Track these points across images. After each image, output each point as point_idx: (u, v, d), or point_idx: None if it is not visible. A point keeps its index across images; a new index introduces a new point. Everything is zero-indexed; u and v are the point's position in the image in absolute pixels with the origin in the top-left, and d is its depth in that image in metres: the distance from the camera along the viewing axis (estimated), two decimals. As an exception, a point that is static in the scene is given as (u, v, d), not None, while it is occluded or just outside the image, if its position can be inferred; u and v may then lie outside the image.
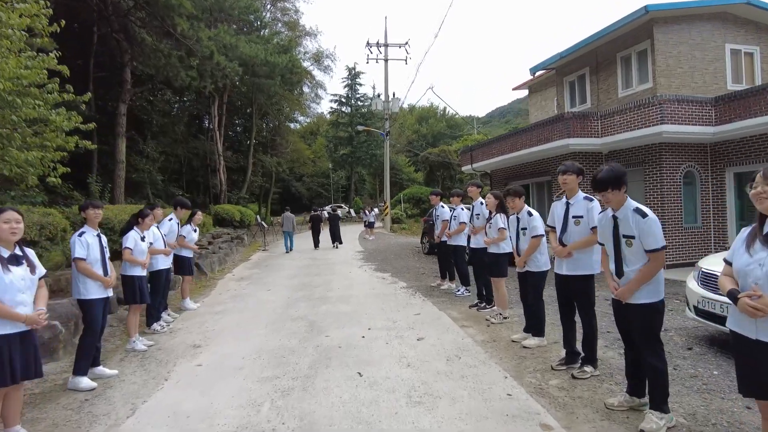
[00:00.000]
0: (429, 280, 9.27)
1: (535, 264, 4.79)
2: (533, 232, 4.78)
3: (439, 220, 8.29)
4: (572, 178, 4.10)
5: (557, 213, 4.24)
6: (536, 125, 12.30)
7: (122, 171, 14.05)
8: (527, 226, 4.85)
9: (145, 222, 5.83)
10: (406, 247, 16.94)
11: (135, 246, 5.42)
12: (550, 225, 4.36)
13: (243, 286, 9.76)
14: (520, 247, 4.95)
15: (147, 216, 5.89)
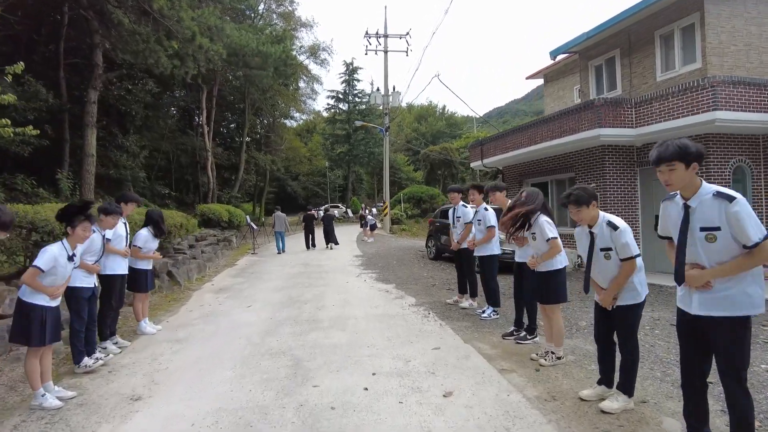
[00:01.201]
0: (442, 295, 7.75)
1: (631, 294, 3.26)
2: (624, 254, 3.24)
3: (460, 223, 6.76)
4: None
5: (672, 218, 2.69)
6: (560, 114, 10.81)
7: (91, 166, 12.46)
8: (612, 245, 3.29)
9: (107, 220, 4.82)
10: (408, 251, 15.42)
11: None
12: (663, 234, 2.84)
13: (220, 300, 8.21)
14: (599, 272, 3.38)
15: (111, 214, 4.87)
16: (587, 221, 3.34)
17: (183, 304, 8.04)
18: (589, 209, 3.29)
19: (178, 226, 11.25)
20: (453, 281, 9.13)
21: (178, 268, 10.29)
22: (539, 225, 4.21)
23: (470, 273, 6.72)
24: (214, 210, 18.96)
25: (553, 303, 4.22)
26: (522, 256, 5.05)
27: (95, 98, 12.59)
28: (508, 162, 13.62)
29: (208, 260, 13.12)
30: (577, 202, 3.28)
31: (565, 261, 4.34)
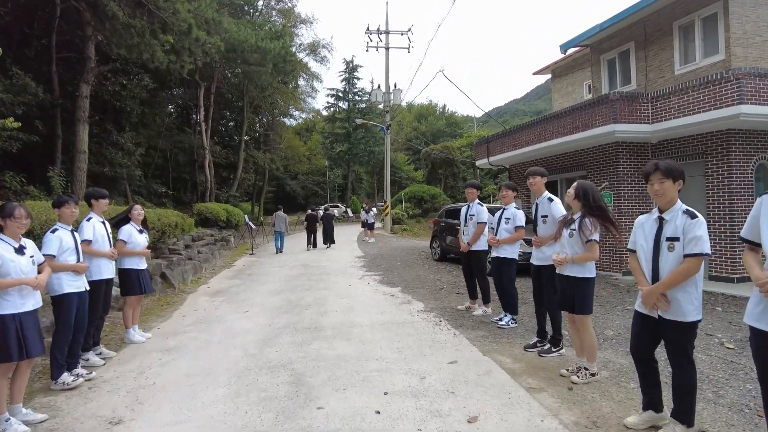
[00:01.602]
0: (452, 300, 7.28)
1: (690, 308, 2.78)
2: (693, 248, 2.71)
3: (473, 222, 6.28)
4: None
5: None
6: (572, 110, 10.36)
7: (83, 163, 11.97)
8: (681, 236, 2.78)
9: (63, 212, 4.23)
10: (412, 251, 14.96)
11: None
12: (748, 239, 2.39)
13: (216, 304, 7.74)
14: (661, 267, 2.88)
15: (63, 205, 4.24)
16: (665, 201, 2.87)
17: (176, 309, 7.58)
18: (674, 186, 2.85)
19: (173, 226, 10.78)
20: (462, 285, 8.67)
21: (172, 269, 9.82)
22: (584, 223, 3.73)
23: (482, 277, 6.25)
24: (211, 209, 18.46)
25: (586, 313, 3.76)
26: (542, 258, 4.59)
27: (87, 93, 12.10)
28: (515, 160, 13.16)
29: (205, 261, 12.65)
30: (668, 172, 2.83)
31: (594, 271, 3.87)
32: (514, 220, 5.56)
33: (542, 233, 4.62)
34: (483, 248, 6.21)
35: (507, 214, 5.65)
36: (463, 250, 6.35)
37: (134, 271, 5.50)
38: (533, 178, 4.75)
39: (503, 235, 5.58)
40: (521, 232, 5.55)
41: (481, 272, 6.23)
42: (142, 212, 5.64)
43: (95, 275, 4.60)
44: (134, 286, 5.48)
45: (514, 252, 5.58)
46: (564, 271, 3.83)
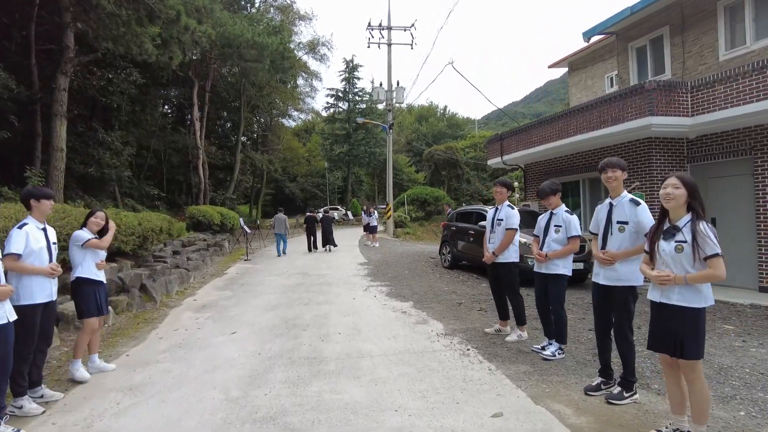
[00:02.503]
0: (475, 319, 6.23)
1: None
2: None
3: (501, 227, 5.21)
4: None
5: None
6: (599, 102, 9.34)
7: (60, 162, 10.91)
8: None
9: None
10: (418, 258, 13.92)
11: None
12: None
13: (200, 322, 6.69)
14: None
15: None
16: None
17: (154, 328, 6.53)
18: None
19: (157, 231, 9.74)
20: (482, 298, 7.64)
21: (154, 280, 8.77)
22: (701, 231, 2.66)
23: (513, 294, 5.19)
24: (204, 212, 17.43)
25: (697, 357, 2.71)
26: (614, 277, 3.55)
27: (66, 85, 11.07)
28: (532, 158, 12.15)
29: (195, 269, 11.60)
30: None
31: None
32: (568, 228, 4.52)
33: (616, 245, 3.57)
34: (513, 260, 5.17)
35: (557, 221, 4.60)
36: (487, 261, 5.29)
37: (91, 287, 4.43)
38: (612, 171, 3.63)
39: (553, 248, 4.53)
40: (576, 242, 4.50)
41: (513, 288, 5.18)
42: (101, 221, 4.54)
43: (24, 299, 3.55)
44: (90, 305, 4.42)
45: (567, 267, 4.52)
46: (671, 299, 2.77)
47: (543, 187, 4.72)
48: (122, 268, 8.31)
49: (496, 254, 5.15)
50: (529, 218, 10.38)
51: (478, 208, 10.93)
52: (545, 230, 4.65)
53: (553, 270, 4.50)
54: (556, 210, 4.70)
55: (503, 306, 5.38)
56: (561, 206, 4.74)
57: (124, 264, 8.44)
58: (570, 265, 4.56)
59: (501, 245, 5.13)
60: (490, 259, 5.21)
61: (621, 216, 3.57)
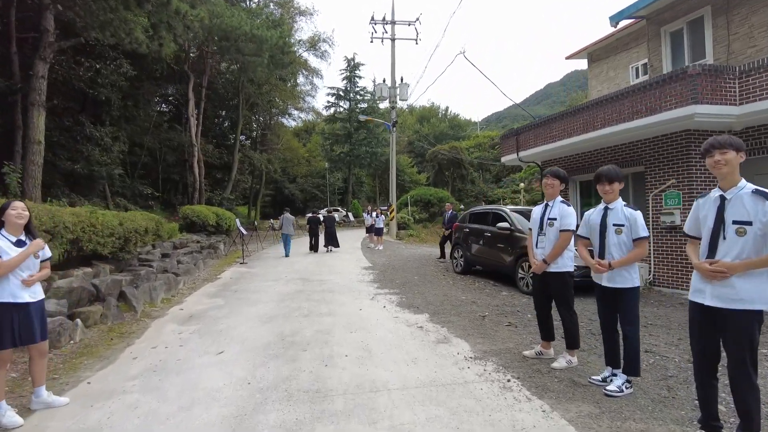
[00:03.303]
0: (506, 337, 5.29)
1: None
2: None
3: (554, 229, 4.26)
4: None
5: None
6: (631, 91, 8.43)
7: (38, 156, 9.96)
8: None
9: None
10: (426, 261, 12.98)
11: None
12: None
13: (184, 337, 5.76)
14: None
15: None
16: None
17: (129, 344, 5.60)
18: None
19: (141, 232, 8.81)
20: (507, 309, 6.70)
21: (136, 286, 7.83)
22: None
23: (568, 311, 4.24)
24: (198, 212, 16.49)
25: None
26: (727, 297, 2.61)
27: (45, 72, 10.15)
28: (551, 155, 11.23)
29: (185, 273, 10.66)
30: None
31: None
32: (634, 228, 3.61)
33: (734, 253, 2.62)
34: (568, 269, 4.24)
35: (616, 218, 3.69)
36: (536, 271, 4.34)
37: (23, 305, 3.46)
38: (722, 153, 2.66)
39: (615, 254, 3.62)
40: (645, 245, 3.60)
41: (567, 304, 4.24)
42: (24, 212, 3.51)
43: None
44: (26, 329, 3.47)
45: (634, 277, 3.61)
46: None
47: (607, 171, 3.78)
48: (99, 273, 7.38)
49: (547, 262, 4.21)
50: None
51: (495, 209, 10.00)
52: (601, 232, 3.74)
53: (622, 282, 3.58)
54: (614, 204, 3.78)
55: (548, 324, 4.44)
56: (619, 199, 3.82)
57: (101, 269, 7.52)
58: (637, 274, 3.64)
59: (554, 251, 4.18)
60: (540, 268, 4.26)
61: (739, 214, 2.62)
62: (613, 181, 3.75)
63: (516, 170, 42.13)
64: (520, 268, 8.46)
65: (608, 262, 3.62)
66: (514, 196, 34.22)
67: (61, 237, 5.88)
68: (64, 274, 6.38)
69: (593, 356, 4.55)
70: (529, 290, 8.11)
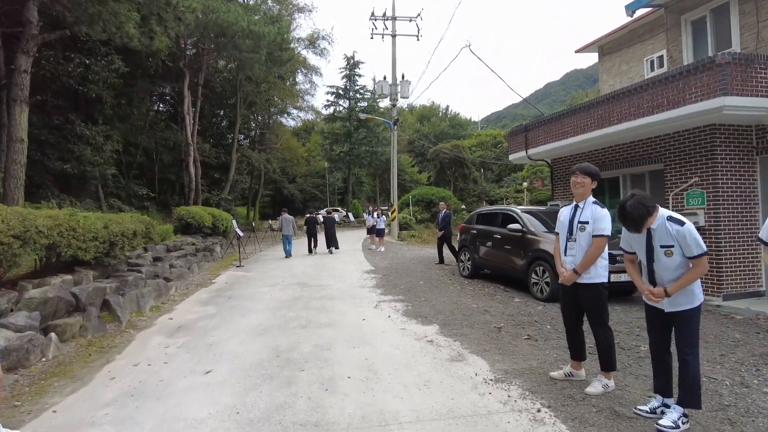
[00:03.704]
0: (527, 353, 4.74)
1: None
2: None
3: (585, 234, 3.65)
4: None
5: None
6: (651, 83, 7.89)
7: (20, 155, 9.39)
8: None
9: None
10: (430, 264, 12.44)
11: None
12: None
13: (169, 352, 5.22)
14: None
15: None
16: None
17: (109, 360, 5.06)
18: None
19: (129, 235, 8.25)
20: (523, 319, 6.16)
21: (122, 294, 7.30)
22: None
23: (602, 327, 3.69)
24: (194, 213, 15.92)
25: None
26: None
27: (28, 66, 9.59)
28: (563, 152, 10.69)
29: (178, 277, 10.13)
30: None
31: None
32: (685, 245, 2.99)
33: None
34: (602, 279, 3.69)
35: (662, 236, 3.03)
36: (565, 282, 3.79)
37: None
38: None
39: (668, 271, 3.07)
40: (704, 263, 2.99)
41: (601, 319, 3.69)
42: None
43: None
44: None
45: (693, 296, 3.06)
46: None
47: (636, 214, 3.01)
48: (81, 280, 6.83)
49: (579, 272, 3.67)
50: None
51: (504, 209, 9.46)
52: (647, 244, 3.15)
53: (680, 305, 3.03)
54: (655, 222, 3.08)
55: (579, 342, 3.90)
56: (659, 212, 3.11)
57: (84, 275, 6.96)
58: (700, 291, 3.09)
59: (587, 259, 3.63)
60: (570, 278, 3.71)
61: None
62: None
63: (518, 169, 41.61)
64: (533, 273, 7.92)
65: (663, 289, 3.06)
66: (516, 196, 33.68)
67: (33, 243, 5.33)
68: (40, 283, 5.83)
69: (629, 377, 4.01)
70: (543, 296, 7.58)
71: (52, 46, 13.23)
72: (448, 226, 12.42)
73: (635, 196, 3.04)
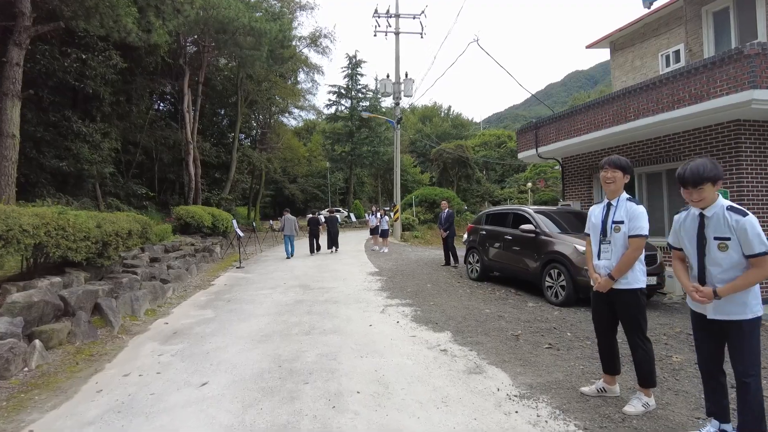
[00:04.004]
0: (549, 363, 4.36)
1: None
2: None
3: (620, 235, 3.32)
4: None
5: None
6: (671, 77, 7.51)
7: (11, 151, 9.02)
8: None
9: None
10: (435, 266, 12.06)
11: None
12: None
13: (163, 361, 4.85)
14: None
15: None
16: None
17: (98, 370, 4.69)
18: None
19: (124, 235, 7.88)
20: (541, 326, 5.77)
21: (116, 297, 6.93)
22: None
23: (641, 338, 3.29)
24: (193, 213, 15.57)
25: None
26: None
27: (20, 59, 9.24)
28: (575, 150, 10.31)
29: (176, 279, 9.77)
30: None
31: None
32: (745, 240, 2.63)
33: None
34: (640, 285, 3.31)
35: (717, 226, 2.69)
36: (600, 288, 3.40)
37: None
38: None
39: (720, 269, 2.70)
40: (766, 263, 2.63)
41: (640, 329, 3.30)
42: None
43: None
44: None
45: (746, 306, 2.68)
46: None
47: (701, 168, 2.72)
48: (71, 282, 6.46)
49: (615, 277, 3.29)
50: (574, 220, 8.57)
51: (516, 209, 9.08)
52: (699, 241, 2.79)
53: (726, 313, 2.67)
54: (711, 208, 2.75)
55: (613, 354, 3.51)
56: (718, 199, 2.81)
57: (74, 277, 6.60)
58: (759, 298, 2.72)
59: (623, 262, 3.25)
60: (605, 285, 3.33)
61: None
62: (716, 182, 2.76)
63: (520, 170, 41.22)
64: (547, 276, 7.54)
65: (712, 289, 2.70)
66: (520, 197, 33.29)
67: (17, 242, 4.96)
68: (25, 286, 5.46)
69: (668, 394, 3.63)
70: (558, 301, 7.20)
71: (48, 41, 12.88)
72: (452, 226, 12.04)
73: None
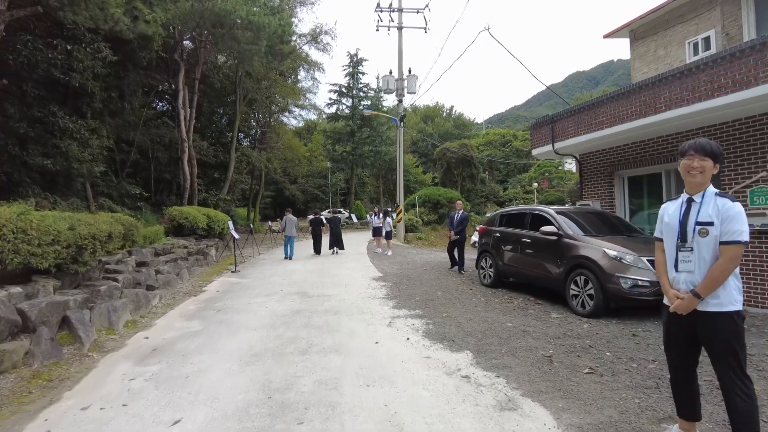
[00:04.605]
0: (596, 393, 3.59)
1: None
2: None
3: (706, 240, 2.55)
4: None
5: None
6: (710, 62, 6.75)
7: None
8: None
9: None
10: (442, 270, 11.29)
11: None
12: None
13: (134, 388, 4.09)
14: None
15: None
16: None
17: (52, 401, 3.95)
18: None
19: (103, 238, 7.11)
20: (574, 343, 4.98)
21: (91, 308, 6.18)
22: None
23: (738, 375, 2.50)
24: (186, 214, 14.83)
25: None
26: None
27: (-6, 47, 8.51)
28: (595, 145, 9.54)
29: (164, 285, 9.03)
30: None
31: None
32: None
33: None
34: (736, 307, 2.54)
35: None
36: (678, 310, 2.62)
37: None
38: None
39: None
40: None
41: (738, 365, 2.51)
42: None
43: None
44: None
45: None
46: None
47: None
48: (36, 292, 5.69)
49: (701, 295, 2.52)
50: (597, 222, 7.80)
51: (535, 209, 8.31)
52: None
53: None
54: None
55: (692, 394, 2.73)
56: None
57: (41, 287, 5.83)
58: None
59: (713, 276, 2.48)
60: (688, 305, 2.57)
61: None
62: None
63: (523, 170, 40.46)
64: (572, 283, 6.77)
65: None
66: (526, 197, 32.52)
67: (-38, 248, 4.20)
68: (-24, 298, 4.71)
69: None
70: (585, 311, 6.43)
71: (31, 31, 12.14)
72: (464, 231, 11.23)
73: None
